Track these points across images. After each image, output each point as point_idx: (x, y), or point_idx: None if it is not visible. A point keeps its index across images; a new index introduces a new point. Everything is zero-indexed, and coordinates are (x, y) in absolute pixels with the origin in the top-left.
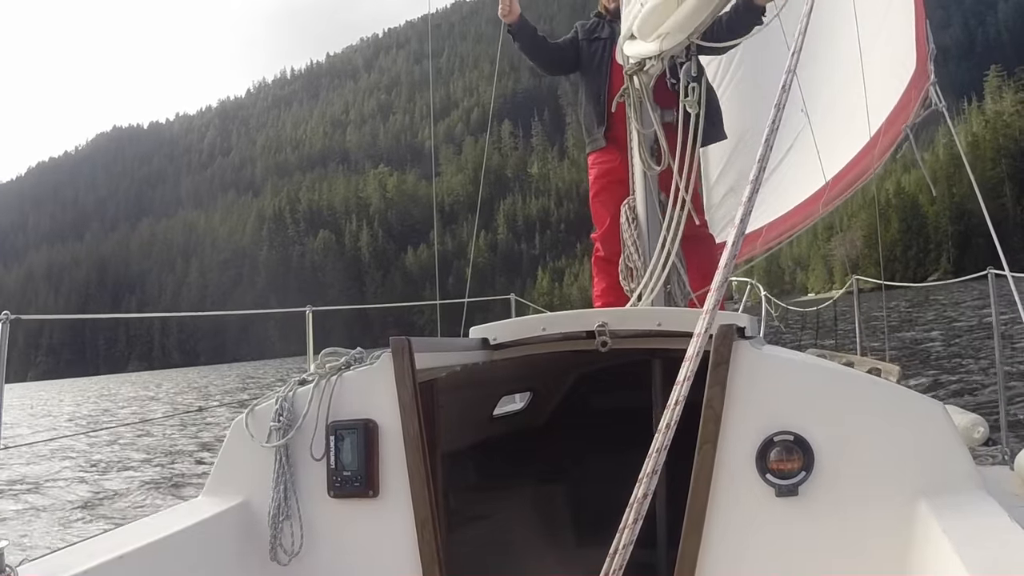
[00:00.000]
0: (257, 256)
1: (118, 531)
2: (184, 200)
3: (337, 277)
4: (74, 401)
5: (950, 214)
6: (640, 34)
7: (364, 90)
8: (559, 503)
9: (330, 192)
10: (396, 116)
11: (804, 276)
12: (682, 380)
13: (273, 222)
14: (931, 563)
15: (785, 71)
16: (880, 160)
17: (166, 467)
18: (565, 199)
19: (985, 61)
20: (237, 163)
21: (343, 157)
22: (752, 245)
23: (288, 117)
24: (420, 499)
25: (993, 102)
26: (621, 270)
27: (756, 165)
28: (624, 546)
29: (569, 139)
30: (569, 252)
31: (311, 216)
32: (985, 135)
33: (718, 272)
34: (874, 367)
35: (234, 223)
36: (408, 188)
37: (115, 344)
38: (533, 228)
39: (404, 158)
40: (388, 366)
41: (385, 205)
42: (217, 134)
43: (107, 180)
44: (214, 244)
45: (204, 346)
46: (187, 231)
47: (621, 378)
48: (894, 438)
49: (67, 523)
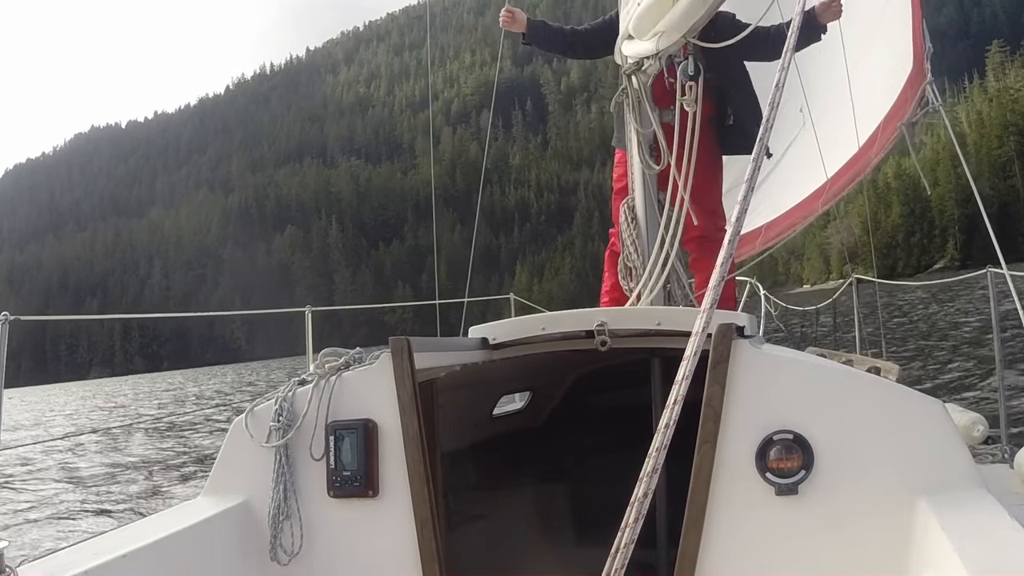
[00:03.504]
0: (221, 255)
1: (118, 531)
2: (157, 199)
3: (304, 274)
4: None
5: (956, 197)
6: (636, 33)
7: (343, 84)
8: (559, 502)
9: (300, 187)
10: (375, 109)
11: (799, 266)
12: (680, 379)
13: (239, 219)
14: (930, 561)
15: (779, 69)
16: (877, 159)
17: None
18: (546, 190)
19: (981, 42)
20: (214, 161)
21: (319, 151)
22: (751, 244)
23: (266, 113)
24: (420, 499)
25: (996, 79)
26: (620, 269)
27: (751, 164)
28: (625, 545)
29: (551, 129)
30: (549, 245)
31: (279, 212)
32: (991, 112)
33: (715, 271)
34: (873, 366)
35: (200, 222)
36: (381, 181)
37: (76, 350)
38: (511, 220)
39: (380, 152)
40: (387, 366)
41: (357, 199)
42: (195, 132)
43: (83, 181)
44: (178, 243)
45: (168, 350)
46: (152, 231)
47: (620, 377)
48: (894, 436)
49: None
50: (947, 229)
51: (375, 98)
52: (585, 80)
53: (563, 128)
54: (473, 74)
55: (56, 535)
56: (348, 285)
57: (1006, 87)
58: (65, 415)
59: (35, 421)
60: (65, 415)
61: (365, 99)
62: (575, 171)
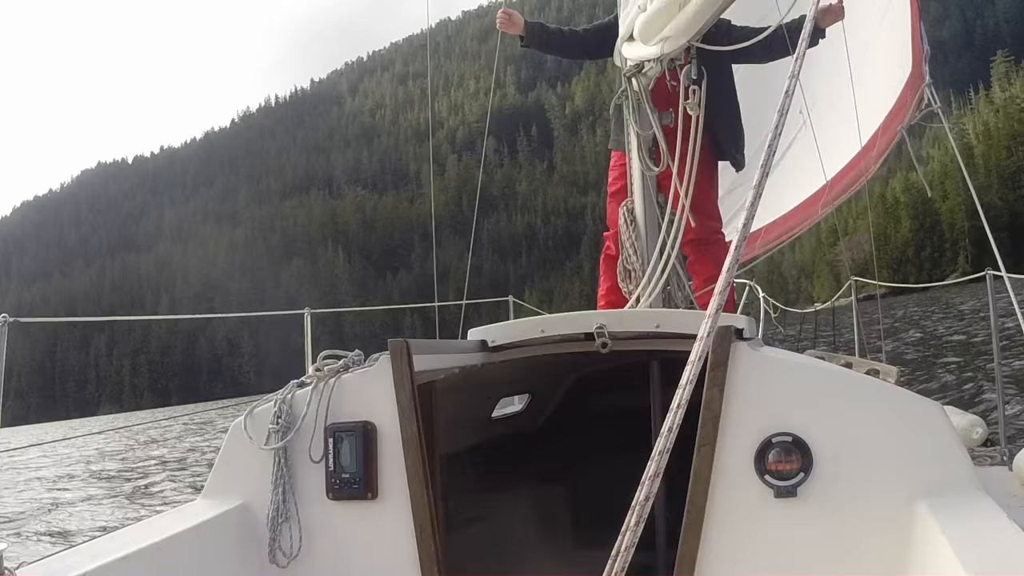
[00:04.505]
0: (228, 288)
1: (117, 533)
2: (165, 234)
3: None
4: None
5: (966, 210)
6: (642, 38)
7: (348, 114)
8: (558, 505)
9: (307, 218)
10: (380, 139)
11: (809, 285)
12: (684, 384)
13: (245, 252)
14: (930, 564)
15: (788, 75)
16: (877, 162)
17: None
18: (552, 215)
19: (985, 54)
20: (220, 194)
21: (325, 182)
22: (751, 247)
23: (272, 145)
24: (419, 501)
25: (1001, 89)
26: (619, 272)
27: (759, 171)
28: (626, 548)
29: (558, 154)
30: (558, 271)
31: (285, 244)
32: (998, 123)
33: (721, 276)
34: (872, 368)
35: (206, 255)
36: (387, 211)
37: (85, 386)
38: (519, 247)
39: (387, 181)
40: (386, 368)
41: (364, 230)
42: (201, 166)
43: (91, 217)
44: (185, 278)
45: (176, 385)
46: (160, 265)
47: (619, 380)
48: (893, 439)
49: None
50: (958, 242)
51: (380, 127)
52: (590, 104)
53: (569, 153)
54: (477, 101)
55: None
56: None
57: (1013, 96)
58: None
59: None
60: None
61: (370, 129)
62: (582, 195)
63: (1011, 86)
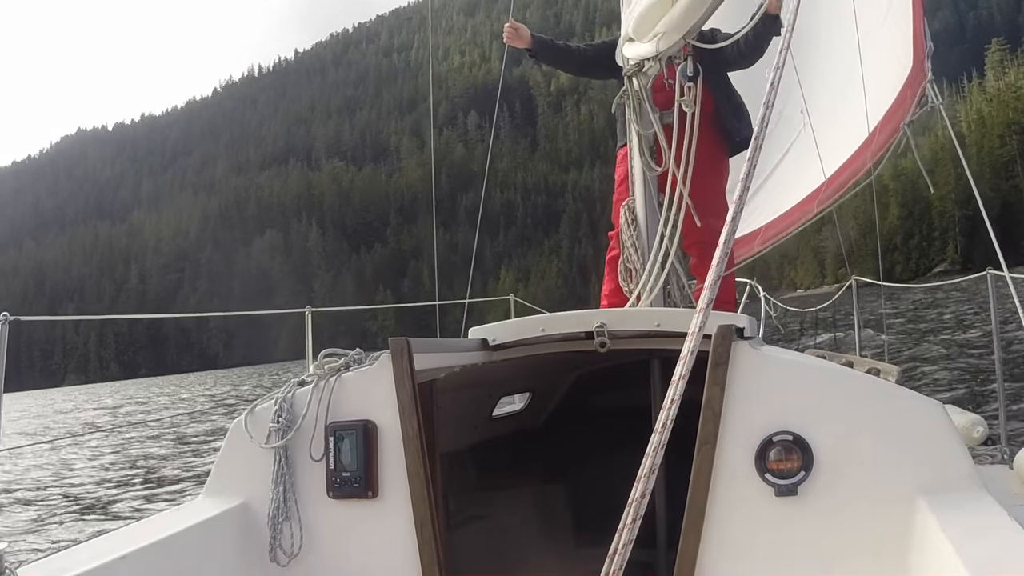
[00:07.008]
0: (199, 258)
1: (118, 532)
2: (141, 203)
3: (284, 279)
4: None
5: (956, 198)
6: (636, 35)
7: (331, 86)
8: (558, 504)
9: (282, 189)
10: (362, 111)
11: (793, 271)
12: (677, 379)
13: (219, 222)
14: (931, 562)
15: (773, 67)
16: (876, 158)
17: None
18: (533, 192)
19: (977, 45)
20: (199, 163)
21: (304, 154)
22: (750, 245)
23: (253, 115)
24: (419, 500)
25: (996, 78)
26: (620, 271)
27: (746, 164)
28: (623, 546)
29: (540, 130)
30: (536, 249)
31: (259, 215)
32: (991, 112)
33: (711, 270)
34: (873, 367)
35: (179, 224)
36: (364, 184)
37: (51, 357)
38: (497, 224)
39: (366, 154)
40: (387, 367)
41: (340, 202)
42: (181, 134)
43: (68, 184)
44: (157, 247)
45: (144, 357)
46: (132, 234)
47: (620, 378)
48: (893, 438)
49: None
50: (947, 231)
51: (363, 100)
52: (575, 81)
53: (552, 130)
54: (462, 75)
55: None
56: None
57: (1008, 84)
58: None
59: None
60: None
61: (353, 101)
62: (563, 173)
63: (1006, 74)
